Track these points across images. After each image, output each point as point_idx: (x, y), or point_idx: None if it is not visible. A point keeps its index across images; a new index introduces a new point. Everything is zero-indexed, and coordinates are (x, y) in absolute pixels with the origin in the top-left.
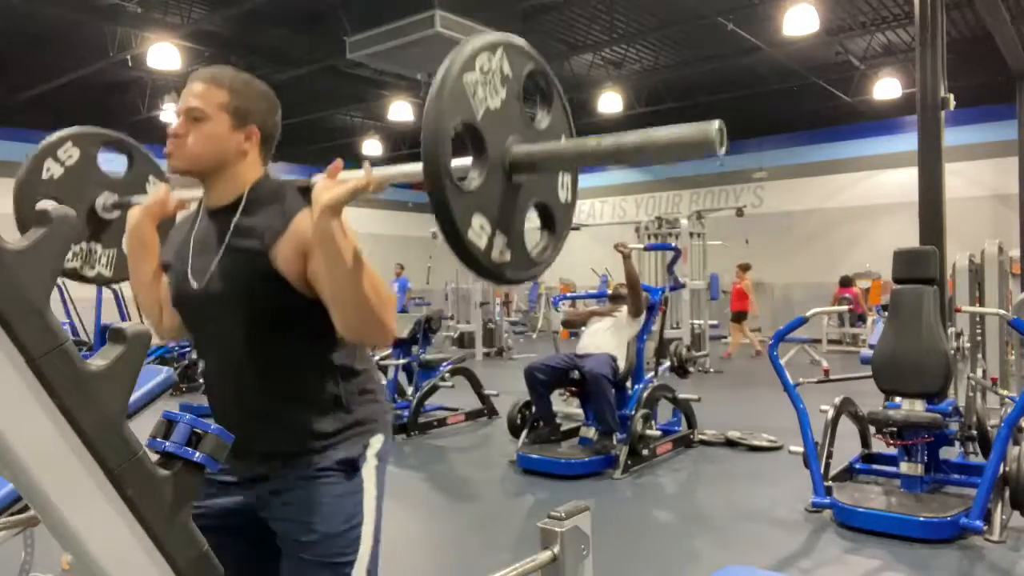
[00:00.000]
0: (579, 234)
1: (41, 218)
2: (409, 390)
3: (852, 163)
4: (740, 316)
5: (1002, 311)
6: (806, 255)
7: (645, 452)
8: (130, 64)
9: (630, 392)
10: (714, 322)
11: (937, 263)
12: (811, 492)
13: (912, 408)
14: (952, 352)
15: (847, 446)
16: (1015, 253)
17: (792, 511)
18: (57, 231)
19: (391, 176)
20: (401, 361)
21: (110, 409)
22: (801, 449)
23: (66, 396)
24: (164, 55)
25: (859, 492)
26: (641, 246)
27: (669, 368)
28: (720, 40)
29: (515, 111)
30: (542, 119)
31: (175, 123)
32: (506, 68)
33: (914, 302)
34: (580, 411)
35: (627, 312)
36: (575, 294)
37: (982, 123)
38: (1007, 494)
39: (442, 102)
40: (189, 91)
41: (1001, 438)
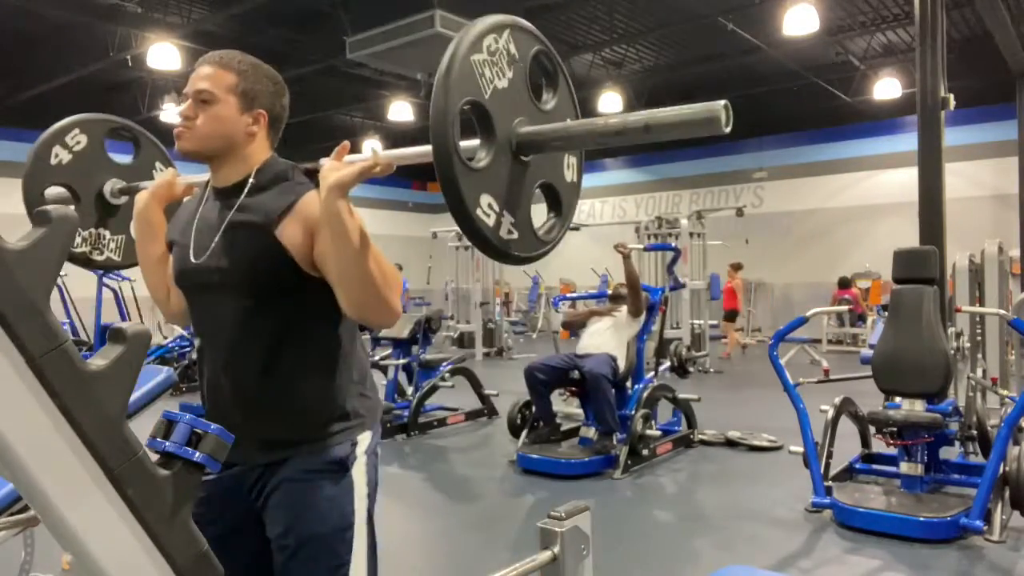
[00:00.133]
0: (579, 234)
1: (41, 218)
2: (409, 390)
3: (852, 163)
4: (732, 315)
5: (1002, 311)
6: (806, 255)
7: (645, 452)
8: (130, 64)
9: (630, 392)
10: (714, 322)
11: (937, 263)
12: (811, 492)
13: (912, 408)
14: (952, 352)
15: (847, 446)
16: (1015, 253)
17: (792, 511)
18: (57, 231)
19: (398, 157)
20: (401, 361)
21: (110, 409)
22: (801, 449)
23: (66, 396)
24: (164, 55)
25: (859, 492)
26: (641, 247)
27: (669, 368)
28: (720, 40)
29: (522, 92)
30: (548, 100)
31: (184, 105)
32: (513, 49)
33: (914, 302)
34: (580, 411)
35: (627, 312)
36: (575, 294)
37: (982, 123)
38: (1007, 494)
39: (450, 81)
40: (198, 74)
41: (1001, 438)
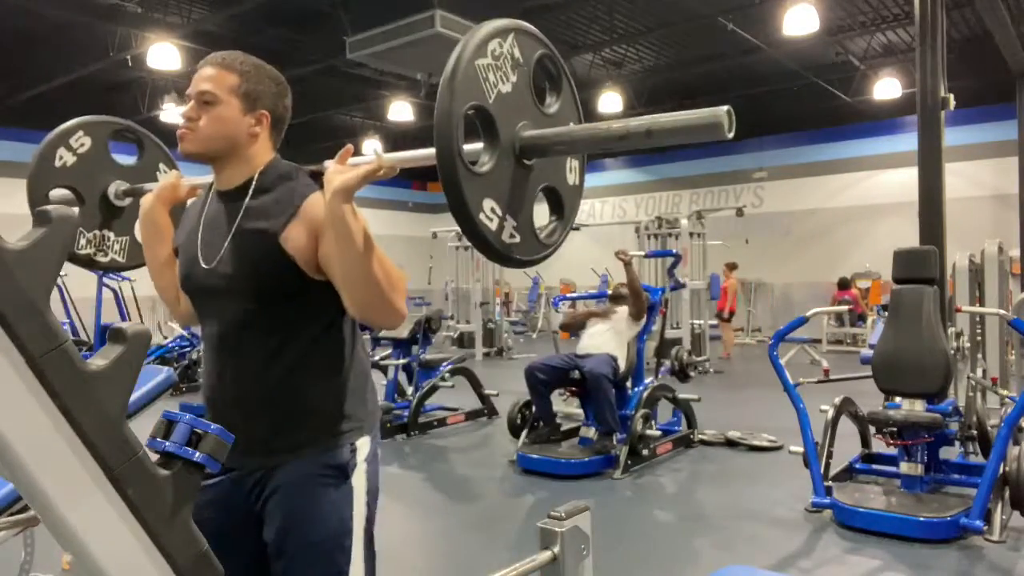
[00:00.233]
0: (579, 234)
1: (41, 218)
2: (409, 390)
3: (852, 163)
4: (728, 315)
5: (1002, 311)
6: (806, 255)
7: (645, 452)
8: (130, 64)
9: (630, 392)
10: (714, 322)
11: (937, 263)
12: (811, 492)
13: (912, 408)
14: (952, 352)
15: (847, 446)
16: (1015, 253)
17: (792, 511)
18: (57, 231)
19: (402, 160)
20: (401, 361)
21: (110, 409)
22: (801, 449)
23: (66, 396)
24: (164, 55)
25: (859, 492)
26: (642, 253)
27: (670, 372)
28: (720, 40)
29: (526, 96)
30: (551, 104)
31: (187, 107)
32: (517, 53)
33: (914, 302)
34: (580, 411)
35: (628, 314)
36: (575, 294)
37: (982, 123)
38: (1007, 494)
39: (455, 85)
40: (200, 75)
41: (1001, 438)
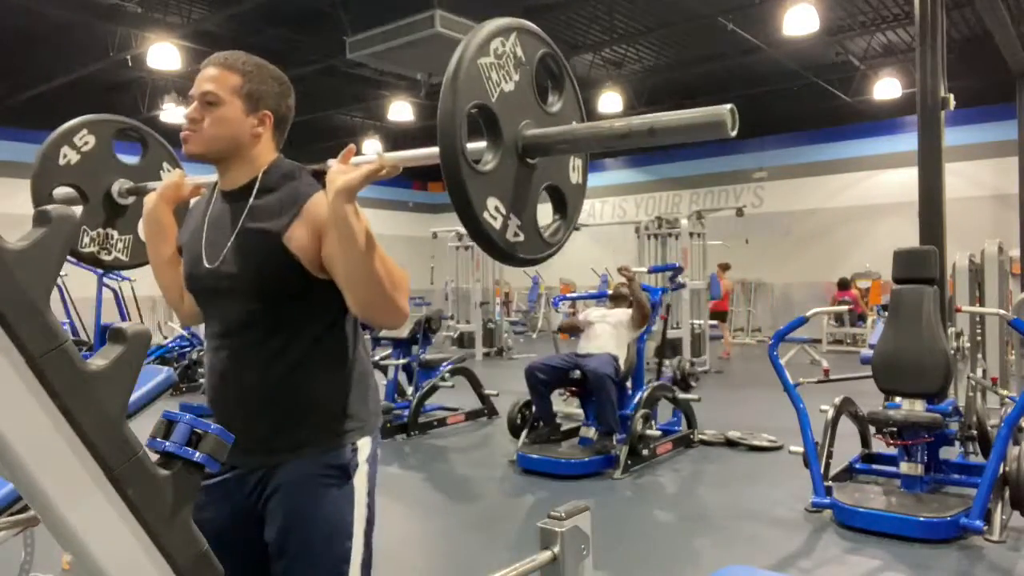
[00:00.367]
0: (579, 234)
1: (41, 218)
2: (409, 390)
3: (852, 163)
4: (722, 315)
5: (1002, 311)
6: (806, 255)
7: (645, 452)
8: (130, 64)
9: (630, 393)
10: (714, 322)
11: (937, 263)
12: (811, 492)
13: (912, 408)
14: (952, 352)
15: (847, 446)
16: (1015, 253)
17: (792, 511)
18: (57, 231)
19: (404, 159)
20: (401, 361)
21: (110, 409)
22: (801, 449)
23: (66, 396)
24: (164, 55)
25: (859, 492)
26: (644, 269)
27: (671, 381)
28: (720, 40)
29: (528, 95)
30: (554, 103)
31: (190, 108)
32: (519, 52)
33: (914, 302)
34: (580, 411)
35: (629, 318)
36: (575, 294)
37: (982, 123)
38: (1007, 494)
39: (458, 84)
40: (203, 76)
41: (1001, 438)
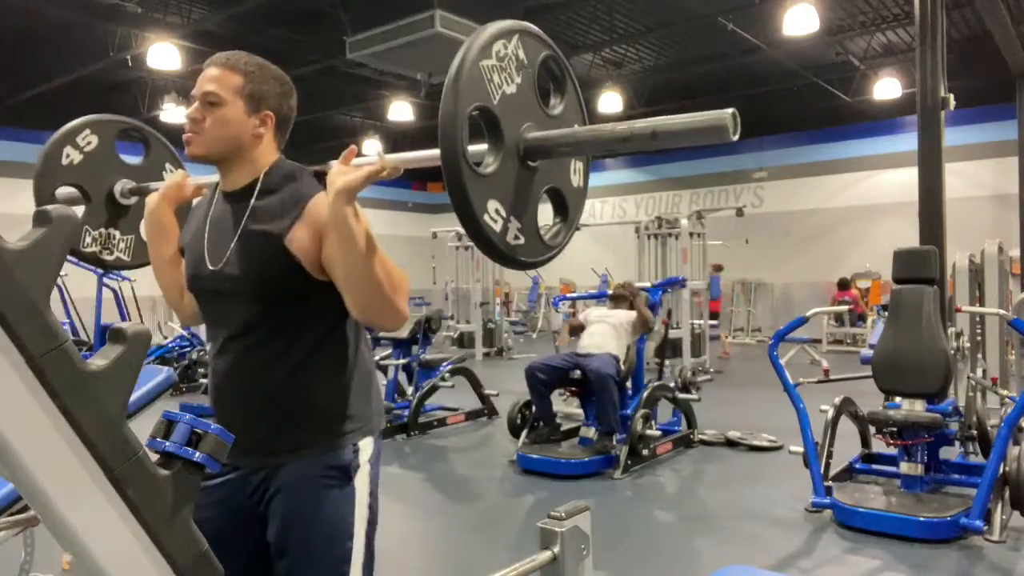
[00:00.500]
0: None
1: (41, 218)
2: (409, 390)
3: (852, 163)
4: (714, 316)
5: (1002, 311)
6: (806, 255)
7: (645, 452)
8: (130, 64)
9: (630, 393)
10: (714, 322)
11: (937, 263)
12: (811, 492)
13: (912, 408)
14: (952, 352)
15: (847, 446)
16: (1015, 253)
17: (792, 511)
18: (57, 231)
19: (405, 160)
20: (401, 361)
21: (110, 409)
22: (801, 449)
23: (66, 396)
24: (164, 55)
25: (859, 492)
26: (648, 284)
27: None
28: (720, 40)
29: (530, 97)
30: (556, 106)
31: (192, 108)
32: (522, 54)
33: (914, 302)
34: (580, 411)
35: (632, 325)
36: (575, 294)
37: (982, 123)
38: (1007, 494)
39: (459, 86)
40: (205, 76)
41: (1001, 438)
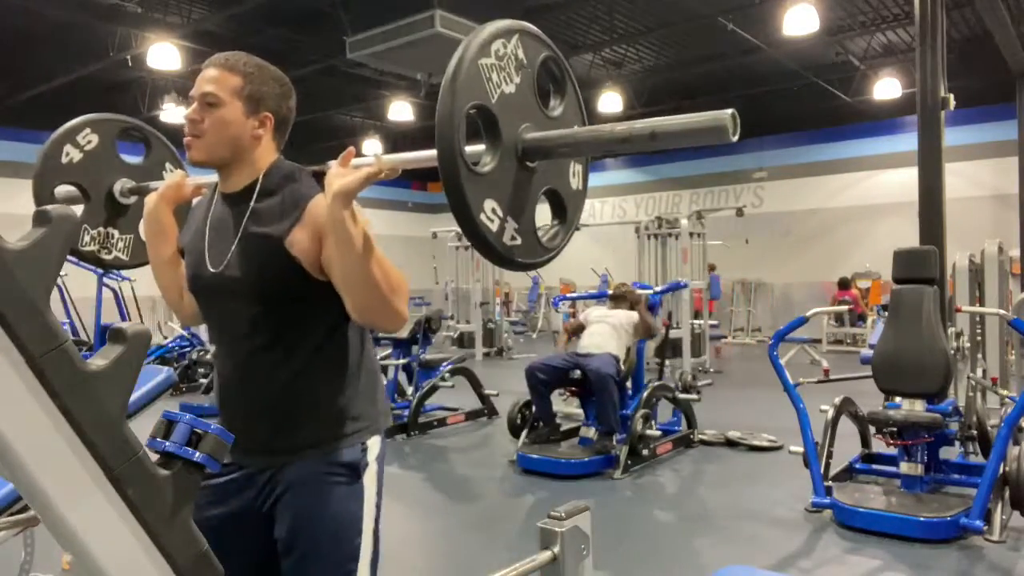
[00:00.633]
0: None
1: (41, 217)
2: (409, 390)
3: (852, 163)
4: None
5: (1002, 311)
6: (806, 255)
7: (645, 452)
8: (130, 64)
9: (630, 393)
10: (714, 322)
11: (937, 263)
12: (811, 492)
13: (912, 408)
14: (952, 352)
15: (847, 446)
16: (1015, 253)
17: (792, 511)
18: (57, 231)
19: (403, 161)
20: (401, 361)
21: (110, 409)
22: (801, 449)
23: (66, 396)
24: (164, 55)
25: (859, 492)
26: (650, 291)
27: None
28: (720, 40)
29: (529, 97)
30: (556, 107)
31: (190, 108)
32: (521, 54)
33: (914, 302)
34: (580, 411)
35: (634, 328)
36: (575, 294)
37: (982, 123)
38: (1007, 494)
39: (457, 84)
40: (203, 77)
41: (1001, 438)
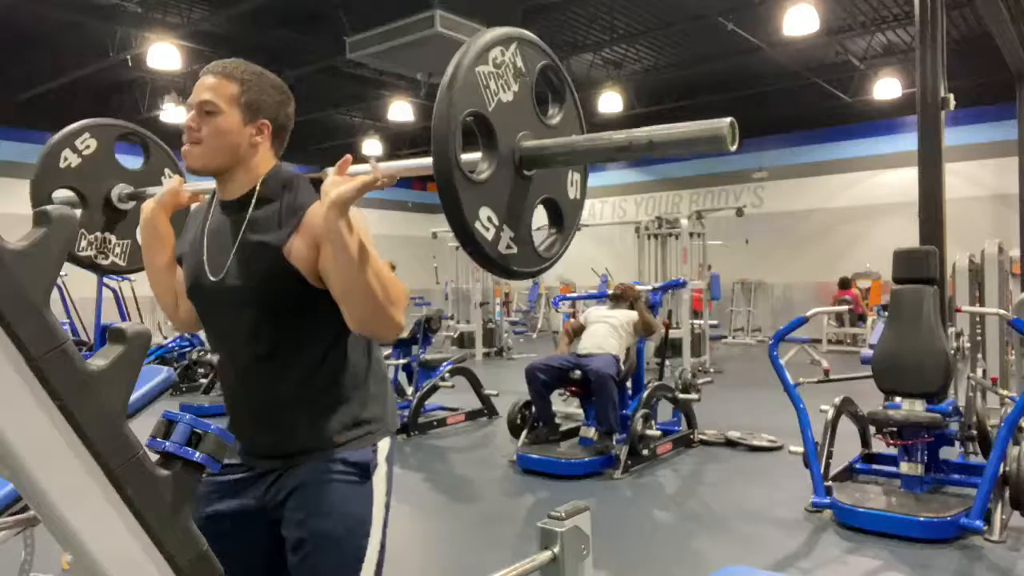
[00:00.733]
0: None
1: (41, 218)
2: (409, 390)
3: (852, 163)
4: (698, 316)
5: (1002, 311)
6: (806, 255)
7: (645, 452)
8: (130, 64)
9: (630, 393)
10: (714, 322)
11: (937, 263)
12: (811, 492)
13: (912, 408)
14: (952, 352)
15: (847, 446)
16: (1015, 253)
17: (792, 511)
18: (57, 231)
19: (399, 170)
20: (401, 361)
21: (110, 409)
22: (801, 449)
23: (66, 396)
24: (164, 55)
25: (859, 492)
26: (649, 288)
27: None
28: (720, 40)
29: (527, 105)
30: (554, 115)
31: (188, 117)
32: (519, 62)
33: (914, 302)
34: (580, 411)
35: (634, 327)
36: (575, 294)
37: (982, 123)
38: (1007, 494)
39: (454, 91)
40: (201, 84)
41: (1001, 438)
